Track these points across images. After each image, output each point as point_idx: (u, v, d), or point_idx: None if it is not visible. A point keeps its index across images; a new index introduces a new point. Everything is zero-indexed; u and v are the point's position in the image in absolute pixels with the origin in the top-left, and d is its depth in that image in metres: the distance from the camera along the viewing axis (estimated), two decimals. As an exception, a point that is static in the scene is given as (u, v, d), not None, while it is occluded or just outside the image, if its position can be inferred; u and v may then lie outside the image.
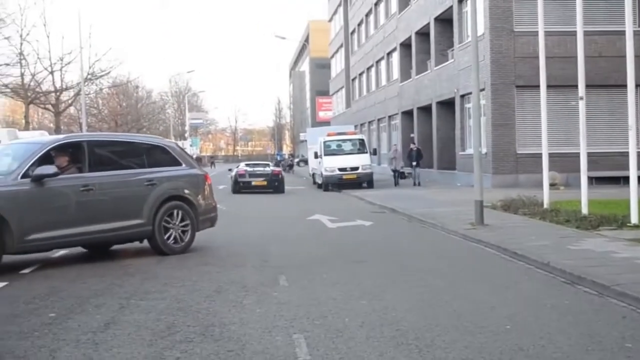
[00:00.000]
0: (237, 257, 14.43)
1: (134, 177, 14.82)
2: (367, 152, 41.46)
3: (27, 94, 52.00)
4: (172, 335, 8.16)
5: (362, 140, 42.89)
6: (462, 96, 38.56)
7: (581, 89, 18.59)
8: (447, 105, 41.90)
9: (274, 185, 40.37)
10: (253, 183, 40.42)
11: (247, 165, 43.81)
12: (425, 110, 46.33)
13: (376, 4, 60.93)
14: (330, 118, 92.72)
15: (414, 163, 40.66)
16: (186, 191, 15.45)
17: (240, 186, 40.44)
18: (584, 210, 18.21)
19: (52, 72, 53.19)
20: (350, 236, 18.16)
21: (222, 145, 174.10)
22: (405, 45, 51.03)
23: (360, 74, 69.15)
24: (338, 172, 39.85)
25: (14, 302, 10.22)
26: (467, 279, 11.70)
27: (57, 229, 13.35)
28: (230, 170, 49.39)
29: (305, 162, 76.43)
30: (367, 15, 65.10)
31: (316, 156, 42.95)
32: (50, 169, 13.33)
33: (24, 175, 13.16)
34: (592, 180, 24.58)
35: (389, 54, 56.66)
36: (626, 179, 18.55)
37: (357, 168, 39.83)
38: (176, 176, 15.42)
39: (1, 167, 13.78)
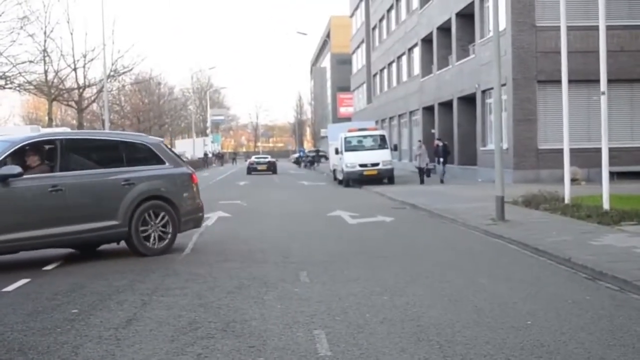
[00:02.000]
0: (257, 254, 14.47)
1: (109, 176, 14.25)
2: (388, 148, 41.42)
3: (50, 91, 52.28)
4: (194, 331, 8.21)
5: (383, 136, 42.84)
6: (484, 91, 38.46)
7: (603, 84, 18.49)
8: (468, 100, 41.80)
9: (271, 169, 66.86)
10: (258, 168, 67.02)
11: (255, 157, 74.75)
12: (446, 105, 46.24)
13: (397, 0, 60.83)
14: (352, 114, 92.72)
15: (441, 159, 39.54)
16: (167, 191, 14.85)
17: (251, 169, 66.91)
18: (606, 205, 18.12)
19: (75, 69, 53.49)
20: (371, 232, 18.16)
21: (243, 142, 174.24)
22: (427, 41, 50.94)
23: (382, 70, 69.06)
24: (359, 168, 39.79)
25: (36, 298, 10.30)
26: (488, 274, 11.69)
27: (23, 230, 12.94)
28: (246, 161, 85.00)
29: (319, 158, 79.90)
30: (388, 10, 65.02)
31: (337, 152, 42.95)
32: (14, 169, 12.94)
33: None
34: (613, 175, 24.43)
35: (410, 49, 56.55)
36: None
37: (377, 164, 39.75)
38: (157, 175, 14.85)
39: None
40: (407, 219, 21.54)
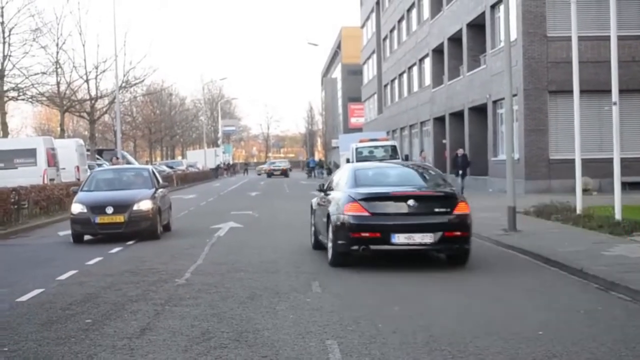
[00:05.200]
0: (269, 264, 14.48)
1: None
2: (399, 159, 41.37)
3: (62, 102, 52.41)
4: (207, 341, 8.24)
5: (394, 146, 42.87)
6: (495, 102, 38.40)
7: (615, 94, 18.46)
8: (479, 111, 41.75)
9: (284, 173, 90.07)
10: (274, 173, 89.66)
11: (271, 164, 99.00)
12: (458, 116, 46.19)
13: (408, 10, 60.87)
14: (362, 124, 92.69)
15: (460, 171, 36.23)
16: None
17: (269, 175, 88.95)
18: (617, 215, 18.08)
19: (87, 81, 53.54)
20: (382, 242, 18.10)
21: (254, 152, 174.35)
22: (438, 51, 50.92)
23: (392, 80, 69.05)
24: (370, 178, 39.60)
25: (50, 308, 10.36)
26: (499, 284, 11.70)
27: None
28: (262, 167, 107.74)
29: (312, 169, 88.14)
30: (399, 21, 65.04)
31: (348, 162, 42.91)
32: None
33: None
34: (625, 185, 24.33)
35: (421, 60, 56.54)
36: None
37: (389, 174, 39.61)
38: None
39: None
40: (419, 229, 21.46)
